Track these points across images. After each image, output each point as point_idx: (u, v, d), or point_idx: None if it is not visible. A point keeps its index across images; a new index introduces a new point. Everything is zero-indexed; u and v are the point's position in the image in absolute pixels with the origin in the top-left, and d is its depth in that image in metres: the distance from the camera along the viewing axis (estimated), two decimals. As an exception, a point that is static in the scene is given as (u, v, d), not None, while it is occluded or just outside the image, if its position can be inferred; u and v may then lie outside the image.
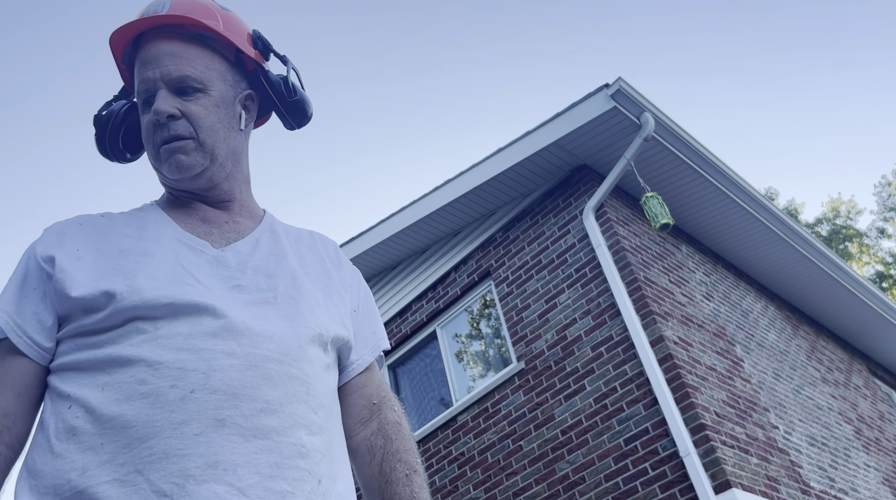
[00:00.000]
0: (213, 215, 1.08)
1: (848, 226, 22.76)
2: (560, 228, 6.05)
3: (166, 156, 1.03)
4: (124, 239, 1.00)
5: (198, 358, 0.87)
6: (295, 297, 1.01)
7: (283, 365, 0.92)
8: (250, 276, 1.00)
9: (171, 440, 0.82)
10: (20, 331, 0.93)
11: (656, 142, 5.79)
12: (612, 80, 5.55)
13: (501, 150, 6.24)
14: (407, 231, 6.93)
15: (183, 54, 1.05)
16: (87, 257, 0.96)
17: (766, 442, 5.09)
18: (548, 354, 5.66)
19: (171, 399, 0.84)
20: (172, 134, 1.02)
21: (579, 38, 32.55)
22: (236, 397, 0.86)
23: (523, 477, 5.37)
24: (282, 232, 1.13)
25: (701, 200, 6.54)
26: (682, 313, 5.51)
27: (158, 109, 1.01)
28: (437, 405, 6.59)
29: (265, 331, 0.93)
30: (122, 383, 0.85)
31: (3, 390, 0.90)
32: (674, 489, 4.47)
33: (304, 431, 0.90)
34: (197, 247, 1.01)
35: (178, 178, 1.04)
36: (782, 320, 7.56)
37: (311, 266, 1.10)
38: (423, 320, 6.91)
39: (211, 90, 1.06)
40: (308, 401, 0.93)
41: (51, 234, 1.01)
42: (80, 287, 0.92)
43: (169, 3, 1.07)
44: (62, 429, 0.85)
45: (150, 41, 1.06)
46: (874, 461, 6.81)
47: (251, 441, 0.85)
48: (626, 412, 4.93)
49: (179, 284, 0.93)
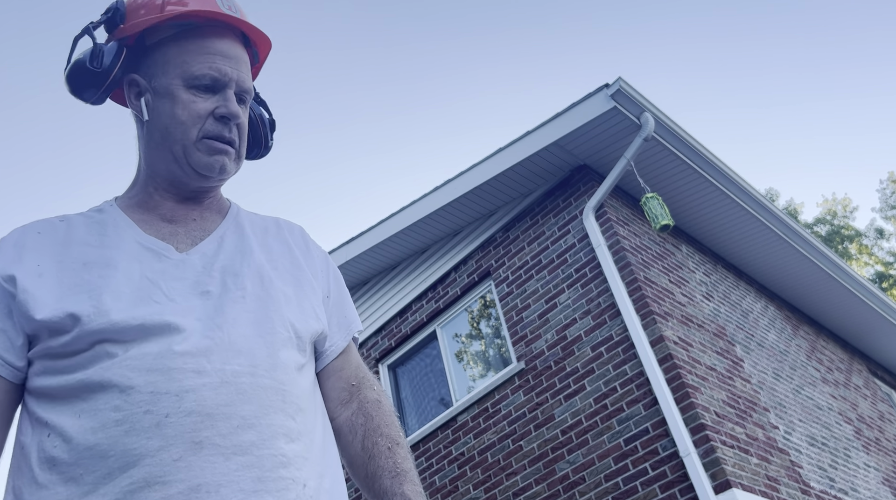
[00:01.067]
0: (179, 213, 1.06)
1: (847, 226, 22.76)
2: (560, 228, 6.05)
3: (212, 152, 1.03)
4: (86, 249, 0.97)
5: (168, 379, 0.86)
6: (263, 298, 0.99)
7: (255, 378, 0.91)
8: (217, 278, 0.98)
9: (150, 468, 0.81)
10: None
11: (656, 142, 5.80)
12: (612, 80, 5.55)
13: (501, 150, 6.24)
14: (407, 231, 6.93)
15: (248, 70, 1.08)
16: (49, 271, 0.94)
17: (766, 442, 5.09)
18: (548, 354, 5.66)
19: (146, 426, 0.83)
20: (231, 137, 1.04)
21: (579, 37, 32.57)
22: (212, 417, 0.85)
23: (523, 477, 5.37)
24: (247, 225, 1.12)
25: (701, 201, 6.54)
26: (682, 313, 5.51)
27: (235, 111, 1.02)
28: (437, 405, 6.59)
29: (234, 344, 0.92)
30: (96, 409, 0.84)
31: None
32: (674, 489, 4.47)
33: (284, 440, 0.90)
34: (160, 251, 0.99)
35: (210, 176, 1.04)
36: (782, 320, 7.56)
37: (280, 259, 1.09)
38: (423, 320, 6.91)
39: (248, 108, 1.10)
40: (285, 409, 0.92)
41: (8, 247, 0.97)
42: (44, 309, 0.90)
43: (238, 7, 1.09)
44: (43, 458, 0.84)
45: (225, 36, 1.06)
46: (874, 461, 6.81)
47: (231, 459, 0.84)
48: (626, 412, 4.93)
49: (146, 301, 0.92)
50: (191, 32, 1.04)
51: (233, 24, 1.07)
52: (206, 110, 1.02)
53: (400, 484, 0.98)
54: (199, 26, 1.05)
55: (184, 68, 1.02)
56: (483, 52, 32.50)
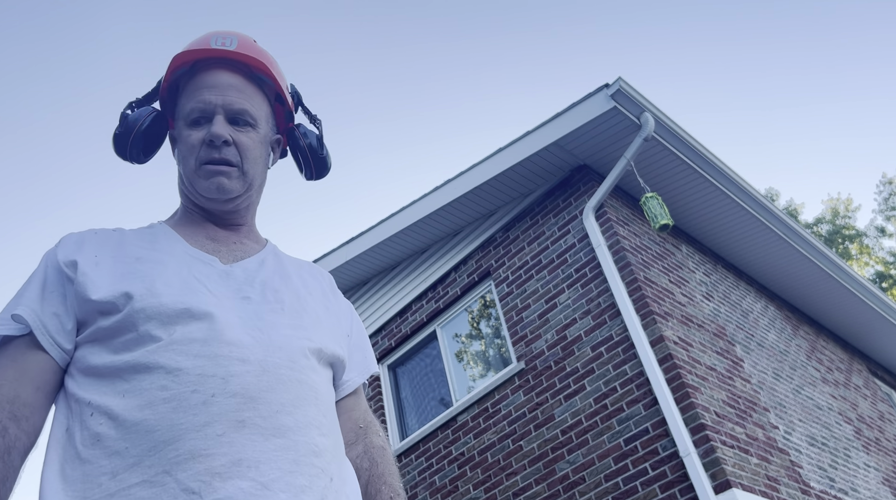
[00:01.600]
0: (221, 235, 1.15)
1: (848, 225, 22.76)
2: (560, 228, 6.05)
3: (209, 175, 1.11)
4: (139, 249, 1.06)
5: (215, 365, 0.92)
6: (299, 311, 1.08)
7: (293, 371, 0.98)
8: (258, 289, 1.06)
9: (195, 441, 0.86)
10: (44, 329, 0.97)
11: (656, 142, 5.80)
12: (612, 81, 5.55)
13: (501, 150, 6.24)
14: (407, 231, 6.93)
15: (245, 90, 1.15)
16: (105, 262, 1.02)
17: (766, 442, 5.09)
18: (548, 354, 5.66)
19: (193, 403, 0.89)
20: (223, 157, 1.11)
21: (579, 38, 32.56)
22: (254, 400, 0.91)
23: (523, 477, 5.37)
24: (284, 258, 1.22)
25: (701, 200, 6.54)
26: (682, 313, 5.51)
27: (217, 132, 1.09)
28: (437, 405, 6.59)
29: (273, 340, 0.99)
30: (142, 389, 0.90)
31: (24, 382, 0.94)
32: (674, 489, 4.47)
33: (316, 431, 0.96)
34: (206, 261, 1.07)
35: (214, 197, 1.12)
36: (782, 320, 7.56)
37: (313, 289, 1.18)
38: (423, 320, 6.91)
39: (259, 128, 1.16)
40: (317, 405, 0.99)
41: (69, 242, 1.06)
42: (100, 290, 0.97)
43: (236, 40, 1.18)
44: (87, 436, 0.89)
45: (214, 69, 1.15)
46: (874, 461, 6.81)
47: (270, 440, 0.90)
48: (626, 412, 4.93)
49: (194, 292, 0.99)
50: (188, 77, 1.16)
51: (225, 58, 1.16)
52: (198, 140, 1.11)
53: None
54: (192, 70, 1.16)
55: (182, 111, 1.14)
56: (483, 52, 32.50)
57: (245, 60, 1.17)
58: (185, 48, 1.16)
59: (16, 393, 0.93)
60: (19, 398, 0.93)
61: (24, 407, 0.92)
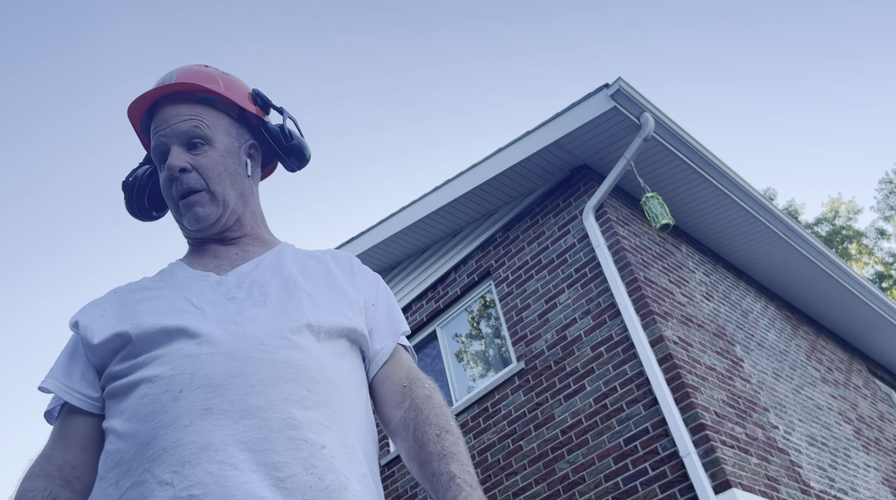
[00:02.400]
0: (222, 252, 1.20)
1: (848, 226, 22.76)
2: (560, 228, 6.05)
3: (185, 210, 1.15)
4: (144, 292, 1.13)
5: (184, 364, 0.97)
6: (283, 299, 1.09)
7: (264, 353, 0.99)
8: (245, 288, 1.10)
9: (168, 436, 0.91)
10: (71, 390, 1.06)
11: (656, 142, 5.80)
12: (612, 81, 5.55)
13: (501, 150, 6.24)
14: (407, 231, 6.93)
15: (189, 113, 1.18)
16: (111, 313, 1.10)
17: (765, 442, 5.09)
18: (548, 354, 5.66)
19: (164, 402, 0.94)
20: (186, 187, 1.14)
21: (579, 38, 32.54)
22: (220, 388, 0.95)
23: (523, 477, 5.37)
24: (290, 252, 1.23)
25: (701, 200, 6.54)
26: (681, 313, 5.51)
27: (171, 163, 1.13)
28: (437, 405, 6.59)
29: (247, 329, 1.02)
30: (130, 404, 0.98)
31: (69, 446, 1.04)
32: (674, 489, 4.47)
33: (295, 406, 0.96)
34: (201, 278, 1.13)
35: (198, 228, 1.17)
36: (782, 320, 7.56)
37: (314, 272, 1.19)
38: (423, 320, 6.91)
39: (216, 143, 1.18)
40: (296, 380, 0.99)
41: (83, 309, 1.15)
42: (99, 335, 1.05)
43: (176, 74, 1.21)
44: (102, 456, 0.98)
45: (161, 108, 1.19)
46: (874, 460, 6.81)
47: (239, 422, 0.92)
48: (626, 412, 4.93)
49: (175, 313, 1.04)
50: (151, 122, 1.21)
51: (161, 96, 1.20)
52: (165, 178, 1.16)
53: (447, 464, 1.01)
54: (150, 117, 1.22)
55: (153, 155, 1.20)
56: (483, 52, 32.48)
57: (182, 89, 1.20)
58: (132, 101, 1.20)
59: (64, 460, 1.02)
60: (68, 463, 1.02)
61: (73, 470, 1.02)
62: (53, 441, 1.05)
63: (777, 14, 31.35)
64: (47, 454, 1.04)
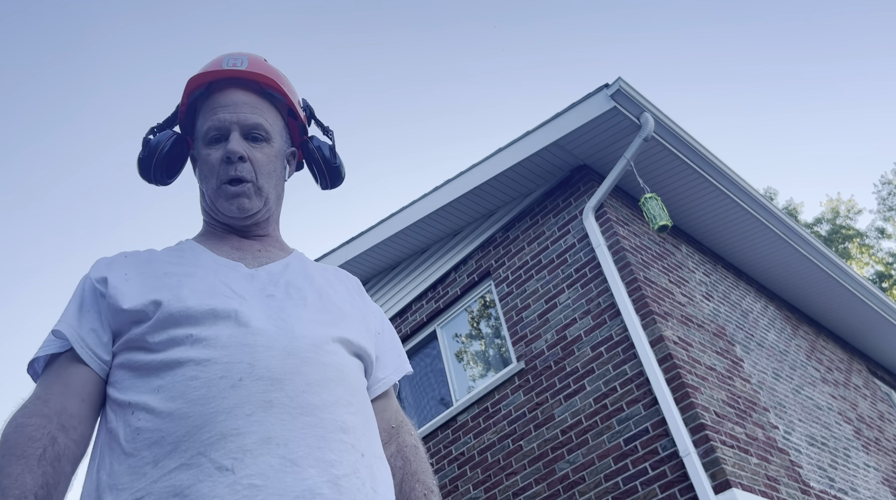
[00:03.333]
0: (245, 245, 1.21)
1: (848, 226, 22.75)
2: (560, 228, 6.05)
3: (230, 196, 1.16)
4: (166, 265, 1.12)
5: (241, 352, 0.98)
6: (322, 306, 1.12)
7: (317, 354, 1.02)
8: (282, 288, 1.12)
9: (227, 422, 0.91)
10: (83, 343, 1.04)
11: (656, 142, 5.80)
12: (612, 81, 5.55)
13: (501, 150, 6.24)
14: (407, 231, 6.93)
15: (258, 106, 1.21)
16: (134, 278, 1.09)
17: (765, 442, 5.09)
18: (548, 354, 5.66)
19: (222, 388, 0.94)
20: (238, 175, 1.16)
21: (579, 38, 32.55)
22: (280, 382, 0.96)
23: (523, 477, 5.37)
24: (309, 263, 1.26)
25: (701, 200, 6.55)
26: (681, 313, 5.52)
27: (233, 149, 1.15)
28: (437, 405, 6.59)
29: (296, 329, 1.04)
30: (174, 382, 0.96)
31: (69, 395, 1.01)
32: (673, 489, 4.47)
33: (344, 410, 1.00)
34: (232, 266, 1.13)
35: (237, 216, 1.18)
36: (782, 320, 7.56)
37: (338, 288, 1.23)
38: (423, 320, 6.92)
39: (273, 142, 1.21)
40: (344, 384, 1.03)
41: (101, 264, 1.14)
42: (130, 300, 1.04)
43: (247, 60, 1.23)
44: (129, 432, 0.95)
45: (227, 89, 1.21)
46: (874, 460, 6.81)
47: (298, 418, 0.94)
48: (626, 412, 4.93)
49: (219, 294, 1.05)
50: (203, 99, 1.22)
51: (236, 77, 1.22)
52: (217, 159, 1.17)
53: None
54: (207, 92, 1.22)
55: (200, 131, 1.20)
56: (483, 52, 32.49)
57: (256, 78, 1.22)
58: (198, 71, 1.21)
59: (63, 405, 0.99)
60: (66, 410, 0.99)
61: (71, 418, 0.99)
62: (49, 386, 1.01)
63: (777, 14, 31.37)
64: (42, 396, 1.00)
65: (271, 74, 1.24)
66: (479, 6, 31.55)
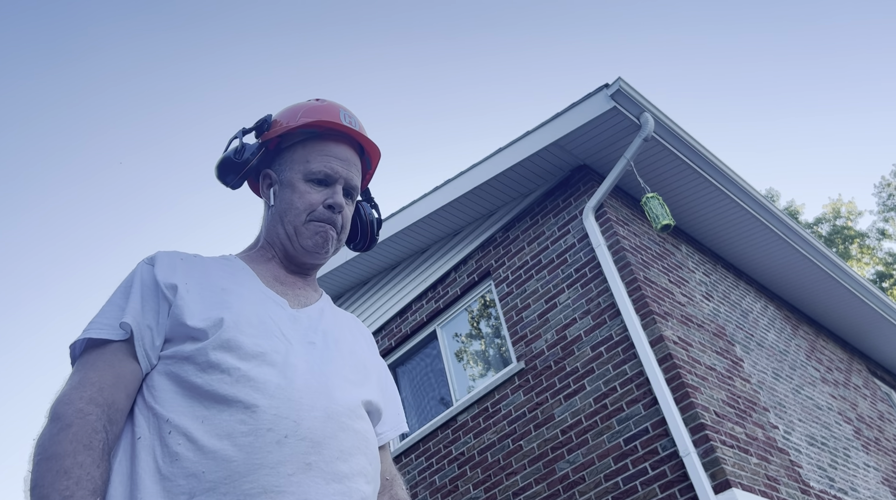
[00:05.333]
0: (288, 279, 1.26)
1: (848, 227, 22.75)
2: (560, 228, 6.05)
3: (317, 231, 1.24)
4: (222, 280, 1.15)
5: (288, 407, 1.00)
6: (354, 364, 1.18)
7: (351, 420, 1.07)
8: (321, 336, 1.16)
9: (269, 478, 0.95)
10: (142, 342, 1.06)
11: (656, 142, 5.80)
12: (612, 81, 5.55)
13: (501, 150, 6.24)
14: (407, 231, 6.94)
15: (358, 168, 1.32)
16: (195, 290, 1.11)
17: (765, 442, 5.09)
18: (548, 354, 5.66)
19: (268, 441, 0.97)
20: (332, 220, 1.25)
21: (579, 38, 32.55)
22: (319, 445, 1.00)
23: (523, 477, 5.37)
24: (337, 310, 1.33)
25: (701, 201, 6.55)
26: (681, 312, 5.52)
27: (340, 202, 1.25)
28: (437, 405, 6.59)
29: (334, 388, 1.08)
30: (222, 420, 0.97)
31: (119, 388, 1.02)
32: (673, 489, 4.47)
33: (363, 479, 1.05)
34: (279, 303, 1.17)
35: (312, 252, 1.25)
36: (782, 320, 7.56)
37: (359, 341, 1.29)
38: (423, 320, 6.92)
39: (354, 203, 1.33)
40: (367, 453, 1.09)
41: (165, 263, 1.15)
42: (194, 317, 1.06)
43: (357, 122, 1.35)
44: (166, 453, 0.96)
45: (342, 143, 1.31)
46: (874, 460, 6.81)
47: (331, 485, 0.99)
48: (626, 412, 4.93)
49: (271, 334, 1.08)
50: (315, 138, 1.30)
51: (349, 134, 1.32)
52: (317, 201, 1.25)
53: None
54: (321, 134, 1.30)
55: (305, 165, 1.27)
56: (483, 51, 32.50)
57: (364, 144, 1.35)
58: (319, 116, 1.30)
59: (113, 398, 1.01)
60: (115, 404, 1.00)
61: (117, 412, 1.01)
62: (102, 373, 1.02)
63: (777, 15, 31.38)
64: (97, 383, 1.01)
65: (373, 143, 1.36)
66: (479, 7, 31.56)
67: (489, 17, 31.68)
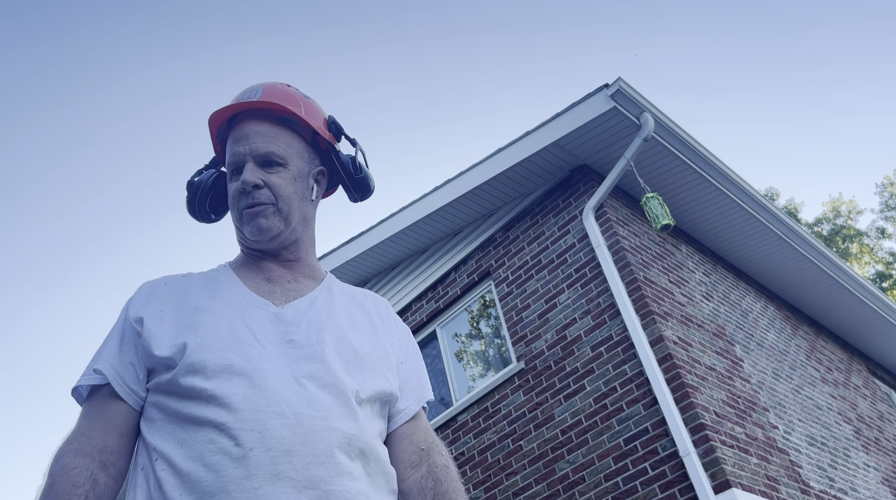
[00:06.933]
0: (277, 274, 1.24)
1: (848, 226, 22.75)
2: (560, 228, 6.05)
3: (248, 219, 1.20)
4: (200, 298, 1.15)
5: (254, 419, 1.00)
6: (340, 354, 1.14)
7: (326, 420, 1.04)
8: (303, 329, 1.14)
9: (235, 494, 0.95)
10: (121, 381, 1.09)
11: (656, 142, 5.80)
12: (612, 81, 5.55)
13: (501, 150, 6.24)
14: (407, 231, 6.94)
15: (269, 134, 1.23)
16: (169, 315, 1.12)
17: (765, 442, 5.09)
18: (548, 354, 5.66)
19: (234, 457, 0.97)
20: (254, 201, 1.19)
21: (579, 38, 32.54)
22: (288, 453, 0.99)
23: (523, 477, 5.38)
24: (337, 292, 1.28)
25: (701, 201, 6.55)
26: (681, 312, 5.52)
27: (246, 179, 1.18)
28: (437, 405, 6.59)
29: (309, 391, 1.06)
30: (196, 442, 1.00)
31: (109, 430, 1.06)
32: (673, 489, 4.47)
33: (348, 478, 1.03)
34: (260, 305, 1.16)
35: (258, 239, 1.21)
36: (782, 320, 7.57)
37: (360, 323, 1.24)
38: (423, 320, 6.92)
39: (290, 166, 1.24)
40: (349, 451, 1.05)
41: (142, 294, 1.18)
42: (161, 346, 1.08)
43: (261, 90, 1.27)
44: (154, 479, 1.00)
45: (242, 121, 1.25)
46: (874, 460, 6.81)
47: (303, 492, 0.98)
48: (626, 412, 4.93)
49: (240, 345, 1.07)
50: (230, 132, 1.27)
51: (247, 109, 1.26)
52: (235, 190, 1.21)
53: None
54: (229, 127, 1.27)
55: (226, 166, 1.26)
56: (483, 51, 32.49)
57: (266, 107, 1.25)
58: (213, 116, 1.27)
59: (104, 443, 1.05)
60: (107, 447, 1.05)
61: (111, 455, 1.04)
62: (92, 421, 1.06)
63: (777, 15, 31.37)
64: (86, 433, 1.05)
65: (282, 100, 1.26)
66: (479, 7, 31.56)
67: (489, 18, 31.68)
